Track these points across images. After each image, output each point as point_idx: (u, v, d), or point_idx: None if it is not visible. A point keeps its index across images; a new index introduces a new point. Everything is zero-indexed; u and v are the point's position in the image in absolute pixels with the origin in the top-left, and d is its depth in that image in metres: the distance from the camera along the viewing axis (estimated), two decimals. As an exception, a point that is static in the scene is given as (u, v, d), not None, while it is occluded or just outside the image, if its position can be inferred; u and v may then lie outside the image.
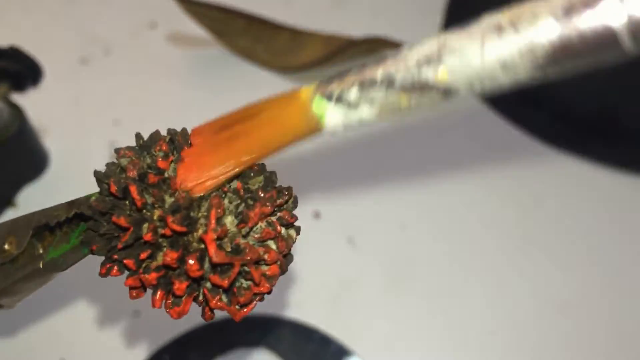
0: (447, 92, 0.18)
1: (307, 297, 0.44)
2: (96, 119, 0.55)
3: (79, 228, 0.22)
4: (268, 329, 0.43)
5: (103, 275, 0.21)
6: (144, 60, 0.60)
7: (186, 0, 0.55)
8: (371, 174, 0.51)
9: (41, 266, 0.23)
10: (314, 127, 0.19)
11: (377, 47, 0.57)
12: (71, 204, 0.22)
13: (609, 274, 0.45)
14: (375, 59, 0.19)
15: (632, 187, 0.50)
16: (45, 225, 0.23)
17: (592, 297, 0.44)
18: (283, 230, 0.21)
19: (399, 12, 0.64)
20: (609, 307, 0.44)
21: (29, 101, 0.48)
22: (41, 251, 0.23)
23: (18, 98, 0.48)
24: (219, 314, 0.41)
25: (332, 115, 0.19)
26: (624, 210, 0.49)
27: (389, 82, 0.18)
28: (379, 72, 0.19)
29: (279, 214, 0.20)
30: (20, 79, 0.47)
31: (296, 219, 0.21)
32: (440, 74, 0.18)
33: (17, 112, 0.47)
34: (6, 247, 0.24)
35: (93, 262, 0.44)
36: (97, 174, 0.20)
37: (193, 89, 0.56)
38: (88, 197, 0.22)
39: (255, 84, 0.57)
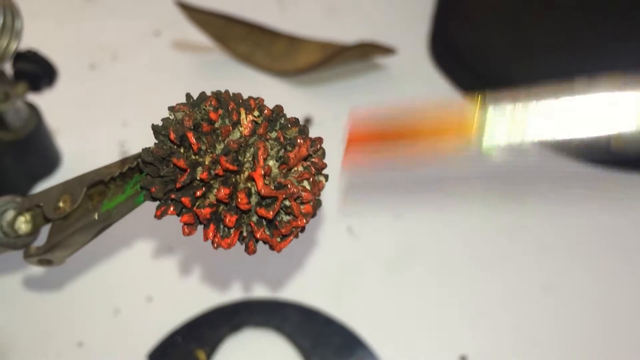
0: None
1: (311, 282, 0.46)
2: (105, 120, 0.57)
3: (133, 179, 0.25)
4: (274, 311, 0.45)
5: (159, 216, 0.24)
6: (150, 65, 0.62)
7: (189, 8, 0.58)
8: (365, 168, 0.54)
9: (96, 217, 0.25)
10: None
11: (369, 51, 0.61)
12: (124, 160, 0.25)
13: (590, 258, 0.48)
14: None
15: (613, 180, 0.53)
16: (99, 182, 0.26)
17: (575, 280, 0.47)
18: (316, 175, 0.24)
19: (389, 20, 0.68)
20: (591, 289, 0.46)
21: (42, 104, 0.51)
22: (94, 205, 0.26)
23: (32, 100, 0.50)
24: (228, 297, 0.43)
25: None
26: (605, 201, 0.52)
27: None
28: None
29: (312, 159, 0.23)
30: (37, 79, 0.49)
31: (326, 165, 0.24)
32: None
33: (34, 111, 0.50)
34: (60, 204, 0.27)
35: (101, 252, 0.46)
36: (154, 127, 0.23)
37: (196, 91, 0.59)
38: (139, 155, 0.24)
39: (255, 86, 0.60)
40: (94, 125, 0.57)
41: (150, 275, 0.47)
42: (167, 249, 0.48)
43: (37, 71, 0.49)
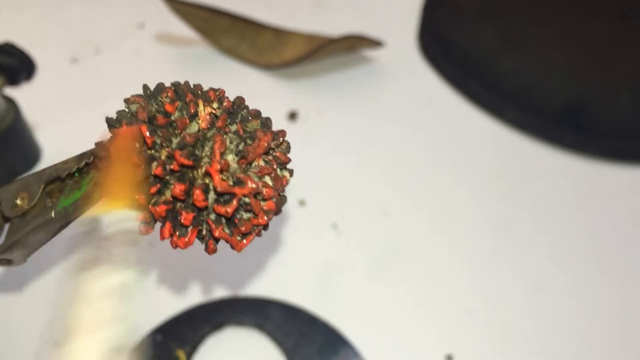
0: None
1: (294, 279, 0.46)
2: (87, 114, 0.56)
3: (90, 174, 0.24)
4: (257, 310, 0.44)
5: (114, 214, 0.23)
6: (133, 58, 0.61)
7: (173, 0, 0.57)
8: (351, 165, 0.53)
9: (52, 215, 0.24)
10: None
11: (356, 44, 0.60)
12: (81, 155, 0.24)
13: (579, 253, 0.47)
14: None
15: (600, 172, 0.53)
16: (57, 178, 0.25)
17: (564, 275, 0.46)
18: (278, 170, 0.23)
19: (377, 12, 0.67)
20: (579, 284, 0.46)
21: (21, 99, 0.50)
22: (52, 202, 0.25)
23: (11, 94, 0.50)
24: (210, 295, 0.42)
25: None
26: (592, 194, 0.51)
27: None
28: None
29: (274, 153, 0.22)
30: (15, 73, 0.48)
31: (290, 160, 0.23)
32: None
33: (11, 105, 0.49)
34: (18, 202, 0.26)
35: (79, 247, 0.46)
36: (108, 119, 0.22)
37: (180, 85, 0.58)
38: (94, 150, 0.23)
39: (240, 80, 0.59)
40: (75, 119, 0.56)
41: (130, 273, 0.46)
42: (147, 245, 0.47)
43: (14, 65, 0.48)
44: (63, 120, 0.56)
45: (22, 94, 0.50)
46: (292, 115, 0.56)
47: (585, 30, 0.57)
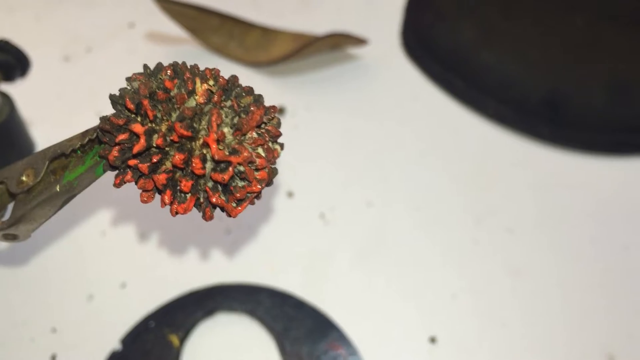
0: None
1: (283, 267, 0.47)
2: (80, 111, 0.57)
3: (93, 150, 0.25)
4: (247, 296, 0.45)
5: (117, 185, 0.24)
6: (124, 57, 0.63)
7: (163, 0, 0.58)
8: (338, 156, 0.55)
9: (58, 189, 0.26)
10: None
11: (341, 42, 0.62)
12: (85, 133, 0.26)
13: (557, 241, 0.49)
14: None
15: (576, 164, 0.55)
16: (61, 155, 0.26)
17: (540, 262, 0.48)
18: (270, 143, 0.24)
19: (361, 11, 0.68)
20: (557, 270, 0.47)
21: (15, 96, 0.51)
22: (56, 179, 0.26)
23: (5, 90, 0.50)
24: (202, 282, 0.44)
25: None
26: (568, 184, 0.53)
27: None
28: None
29: (266, 127, 0.24)
30: (10, 69, 0.49)
31: (281, 134, 0.25)
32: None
33: (7, 100, 0.50)
34: (23, 178, 0.27)
35: (76, 240, 0.47)
36: (112, 96, 0.24)
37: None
38: (98, 126, 0.25)
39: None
40: (68, 116, 0.57)
41: (124, 262, 0.47)
42: (140, 235, 0.48)
43: (9, 61, 0.49)
44: (56, 116, 0.57)
45: (16, 91, 0.51)
46: (280, 111, 0.58)
47: (562, 26, 0.59)
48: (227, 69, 0.61)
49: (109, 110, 0.56)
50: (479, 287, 0.46)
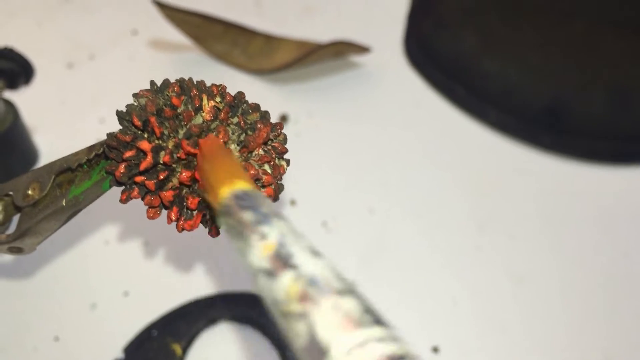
0: None
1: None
2: (83, 118, 0.57)
3: (99, 165, 0.25)
4: (251, 305, 0.45)
5: (124, 201, 0.24)
6: (127, 64, 0.63)
7: (166, 7, 0.59)
8: (340, 165, 0.55)
9: (64, 203, 0.26)
10: None
11: (344, 50, 0.62)
12: (91, 147, 0.26)
13: (559, 248, 0.49)
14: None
15: (577, 172, 0.55)
16: (67, 169, 0.26)
17: (542, 269, 0.48)
18: (276, 159, 0.24)
19: (364, 19, 0.69)
20: (559, 277, 0.47)
21: (19, 102, 0.51)
22: (62, 192, 0.26)
23: (9, 98, 0.51)
24: (204, 291, 0.44)
25: None
26: (569, 192, 0.53)
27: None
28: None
29: (273, 144, 0.24)
30: (14, 77, 0.49)
31: (287, 150, 0.25)
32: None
33: (11, 108, 0.50)
34: (29, 192, 0.27)
35: (79, 248, 0.47)
36: (119, 112, 0.24)
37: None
38: (105, 141, 0.25)
39: (232, 84, 0.59)
40: (71, 123, 0.57)
41: (127, 271, 0.47)
42: (143, 244, 0.48)
43: (14, 69, 0.49)
44: (59, 123, 0.57)
45: (20, 98, 0.51)
46: (283, 119, 0.58)
47: (561, 33, 0.59)
48: (230, 76, 0.62)
49: (112, 117, 0.56)
50: (482, 295, 0.46)
